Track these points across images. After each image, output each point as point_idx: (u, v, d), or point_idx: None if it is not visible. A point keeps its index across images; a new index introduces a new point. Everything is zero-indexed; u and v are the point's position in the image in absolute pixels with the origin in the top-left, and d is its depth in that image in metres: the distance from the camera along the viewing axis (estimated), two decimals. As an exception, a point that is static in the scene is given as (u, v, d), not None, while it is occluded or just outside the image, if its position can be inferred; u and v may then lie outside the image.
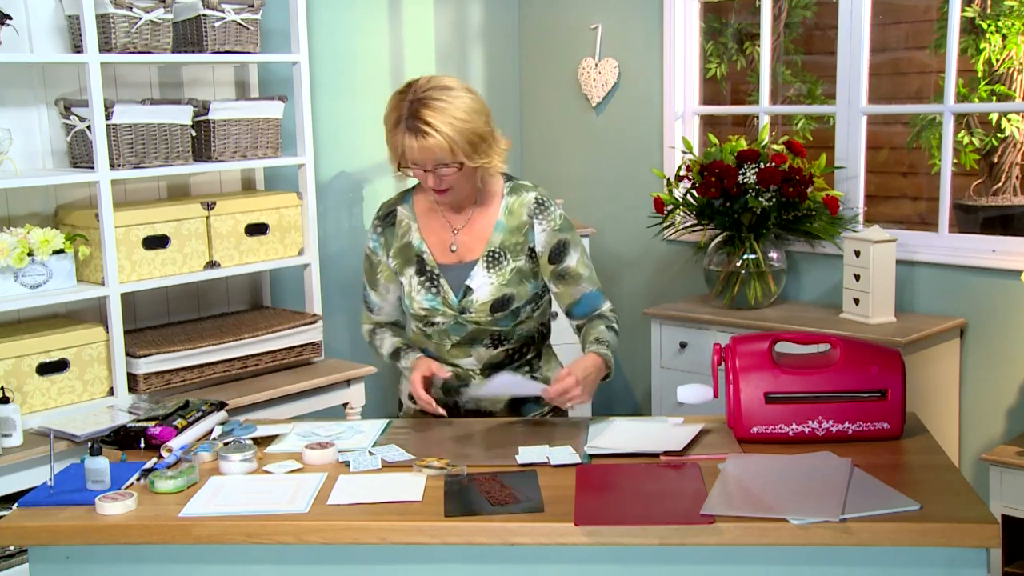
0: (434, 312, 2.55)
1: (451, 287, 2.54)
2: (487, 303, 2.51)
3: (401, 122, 2.38)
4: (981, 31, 4.68)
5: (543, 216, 2.54)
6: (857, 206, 3.97)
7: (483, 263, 2.52)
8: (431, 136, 2.34)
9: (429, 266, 2.55)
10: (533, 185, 2.61)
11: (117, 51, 3.26)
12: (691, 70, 4.42)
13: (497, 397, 2.58)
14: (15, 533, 2.07)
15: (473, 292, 2.52)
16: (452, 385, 2.62)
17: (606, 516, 1.96)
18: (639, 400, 4.69)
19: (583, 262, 2.57)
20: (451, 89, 2.40)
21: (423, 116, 2.34)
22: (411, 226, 2.59)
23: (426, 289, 2.55)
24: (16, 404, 2.98)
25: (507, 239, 2.53)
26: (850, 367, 2.31)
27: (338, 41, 4.21)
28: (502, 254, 2.53)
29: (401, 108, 2.38)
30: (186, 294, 3.75)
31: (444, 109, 2.35)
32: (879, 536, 1.88)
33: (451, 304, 2.53)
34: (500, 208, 2.55)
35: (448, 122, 2.35)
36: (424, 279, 2.55)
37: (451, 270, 2.55)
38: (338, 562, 2.03)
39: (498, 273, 2.52)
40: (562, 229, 2.55)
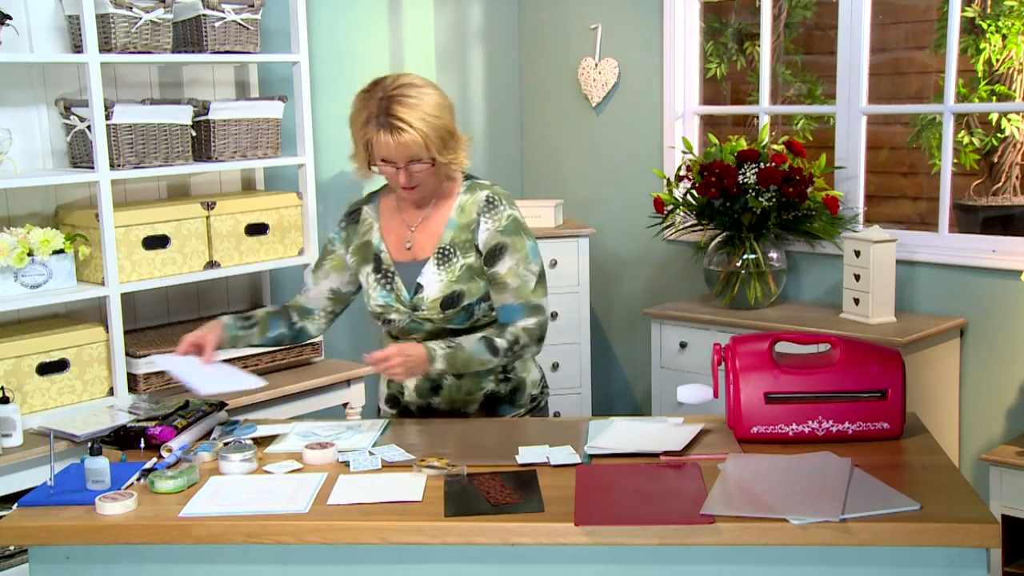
0: (388, 309, 2.57)
1: (404, 284, 2.56)
2: (437, 299, 2.52)
3: (372, 120, 2.40)
4: (981, 31, 4.68)
5: (490, 215, 2.53)
6: (857, 206, 3.97)
7: (434, 260, 2.54)
8: (406, 132, 2.37)
9: (385, 264, 2.58)
10: (490, 184, 2.60)
11: (117, 51, 3.26)
12: (691, 70, 4.42)
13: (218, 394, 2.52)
14: (15, 533, 2.07)
15: (424, 289, 2.53)
16: (424, 387, 2.62)
17: (606, 516, 1.96)
18: (639, 400, 4.69)
19: (515, 271, 2.51)
20: (419, 86, 2.44)
21: (396, 113, 2.37)
22: (373, 225, 2.63)
23: (381, 286, 2.58)
24: (16, 404, 2.98)
25: (457, 236, 2.54)
26: (850, 367, 2.31)
27: (338, 41, 4.21)
28: (452, 251, 2.53)
29: (371, 106, 2.41)
30: (186, 294, 3.75)
31: (416, 106, 2.39)
32: (879, 536, 1.88)
33: (404, 301, 2.56)
34: (454, 206, 2.56)
35: (421, 118, 2.38)
36: (380, 276, 2.58)
37: (405, 267, 2.57)
38: (338, 562, 2.03)
39: (448, 270, 2.52)
40: (505, 232, 2.52)
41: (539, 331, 2.53)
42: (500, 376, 2.62)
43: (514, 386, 2.64)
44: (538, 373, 2.73)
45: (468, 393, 2.61)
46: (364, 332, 4.42)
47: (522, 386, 2.66)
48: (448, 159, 2.46)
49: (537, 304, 2.53)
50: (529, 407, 2.68)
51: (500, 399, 2.63)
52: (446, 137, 2.44)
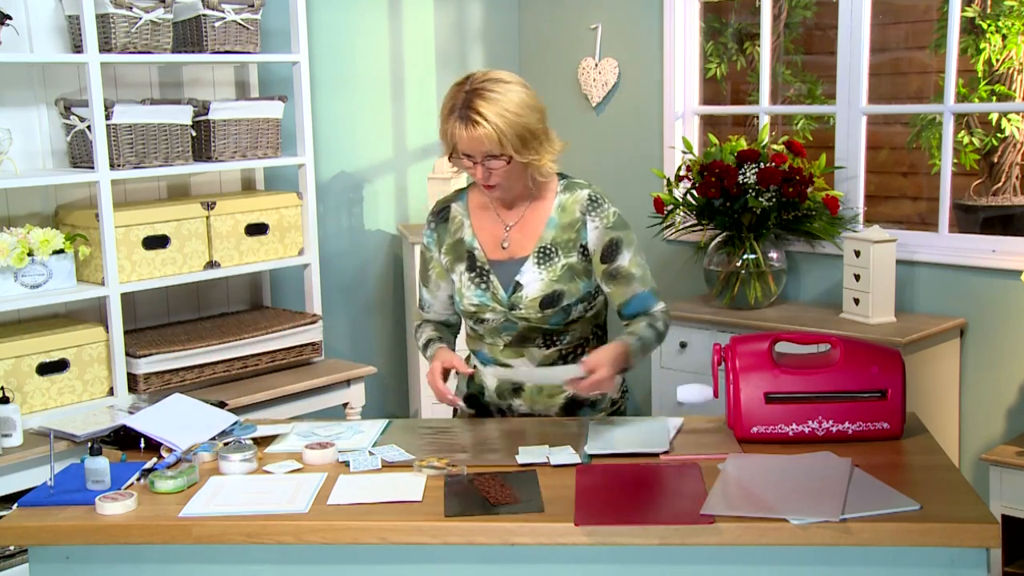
0: (484, 308, 2.52)
1: (501, 283, 2.51)
2: (537, 299, 2.48)
3: (455, 111, 2.37)
4: (981, 31, 4.68)
5: (596, 213, 2.51)
6: (857, 206, 3.97)
7: (534, 259, 2.50)
8: (481, 126, 2.33)
9: (479, 262, 2.53)
10: (587, 183, 2.57)
11: (117, 51, 3.26)
12: (691, 70, 4.42)
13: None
14: (15, 533, 2.07)
15: (523, 288, 2.49)
16: (506, 389, 2.58)
17: (606, 516, 1.95)
18: (639, 400, 4.69)
19: (636, 261, 2.52)
20: (507, 82, 2.40)
21: (475, 106, 2.34)
22: (464, 223, 2.57)
23: (476, 285, 2.53)
24: (16, 404, 2.98)
25: (559, 236, 2.50)
26: (850, 367, 2.31)
27: (338, 41, 4.21)
28: (553, 250, 2.50)
29: (457, 98, 2.38)
30: (186, 294, 3.75)
31: (497, 100, 2.35)
32: (879, 536, 1.88)
33: (500, 300, 2.51)
34: (553, 205, 2.52)
35: (499, 113, 2.34)
36: (474, 275, 2.53)
37: (502, 266, 2.52)
38: (338, 562, 2.03)
39: (549, 269, 2.49)
40: (615, 227, 2.51)
41: (668, 311, 2.59)
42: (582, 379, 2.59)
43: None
44: (619, 377, 2.63)
45: (549, 396, 2.56)
46: (364, 332, 4.42)
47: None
48: (528, 159, 2.40)
49: (656, 287, 2.58)
50: (610, 411, 2.64)
51: (581, 403, 2.58)
52: (526, 136, 2.38)
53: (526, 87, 2.43)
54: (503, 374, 2.56)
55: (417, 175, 4.53)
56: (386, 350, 4.48)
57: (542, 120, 2.44)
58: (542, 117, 2.44)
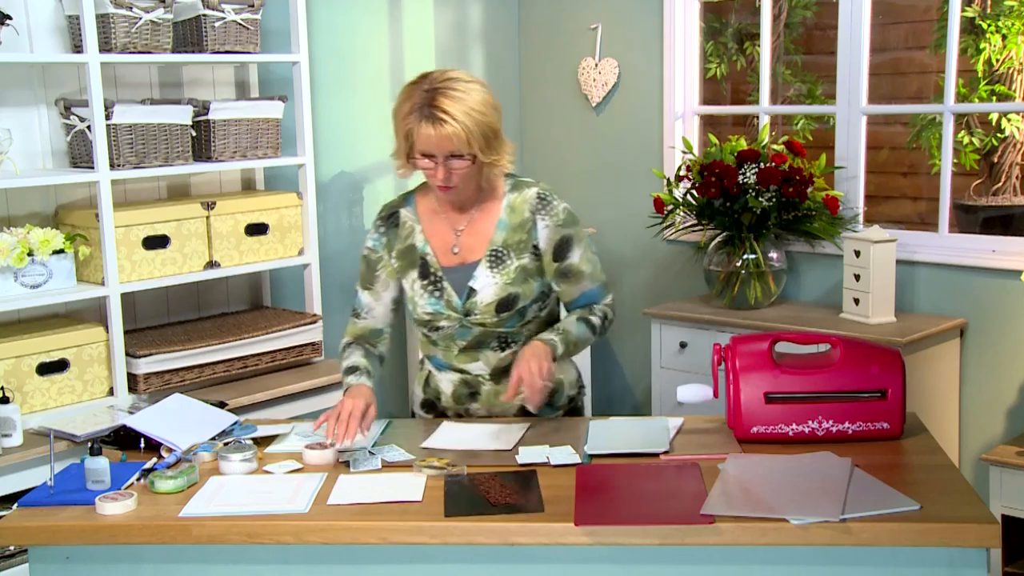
0: (438, 316, 2.50)
1: (454, 289, 2.49)
2: (492, 303, 2.46)
3: (416, 110, 2.34)
4: (981, 31, 4.68)
5: (545, 211, 2.49)
6: (857, 206, 3.97)
7: (486, 263, 2.48)
8: (448, 124, 2.31)
9: (432, 268, 2.51)
10: (535, 181, 2.56)
11: (117, 51, 3.26)
12: (691, 70, 4.42)
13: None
14: (15, 533, 2.07)
15: (477, 293, 2.47)
16: (462, 393, 2.58)
17: (606, 516, 1.95)
18: (639, 400, 4.69)
19: (586, 258, 2.53)
20: (468, 81, 2.38)
21: (441, 105, 2.31)
22: (414, 228, 2.55)
23: (429, 293, 2.50)
24: (16, 404, 2.98)
25: (510, 237, 2.49)
26: (850, 367, 2.31)
27: (338, 41, 4.21)
28: (505, 253, 2.48)
29: (416, 97, 2.35)
30: (186, 294, 3.75)
31: (462, 99, 2.33)
32: (879, 536, 1.88)
33: (455, 307, 2.49)
34: (502, 206, 2.50)
35: (466, 112, 2.32)
36: (427, 283, 2.50)
37: (454, 272, 2.50)
38: (338, 562, 2.03)
39: (502, 272, 2.47)
40: (565, 224, 2.51)
41: (614, 305, 2.62)
42: None
43: (553, 388, 2.57)
44: (575, 373, 2.68)
45: None
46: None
47: (560, 387, 2.61)
48: (490, 159, 2.40)
49: (606, 282, 2.60)
50: (568, 408, 2.65)
51: None
52: (489, 136, 2.37)
53: (485, 86, 2.42)
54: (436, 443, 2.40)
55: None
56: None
57: (500, 120, 2.44)
58: (499, 117, 2.44)
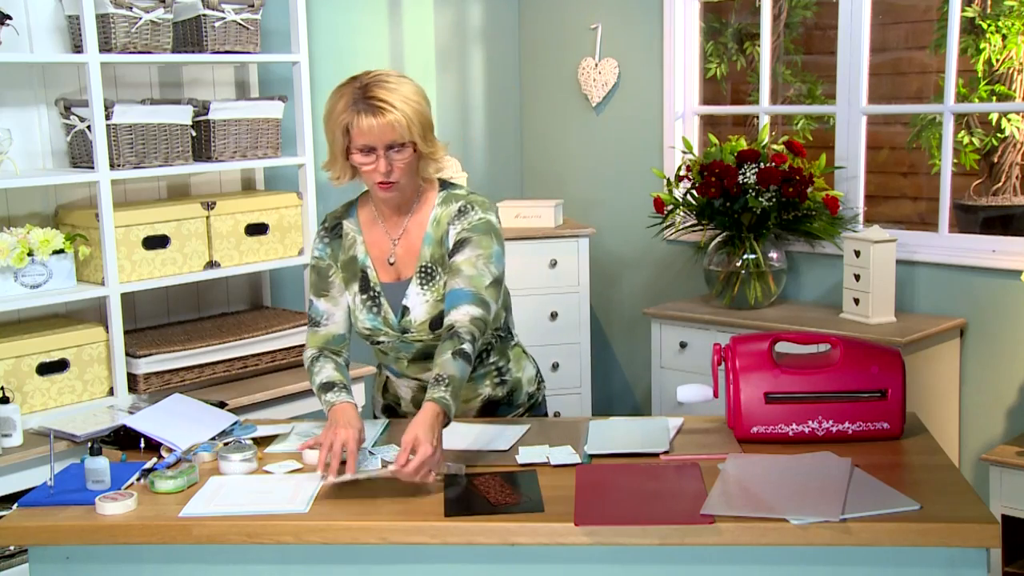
0: (377, 332, 2.49)
1: (391, 307, 2.47)
2: (425, 322, 2.44)
3: (351, 105, 2.33)
4: (981, 31, 4.68)
5: (459, 221, 2.44)
6: (857, 206, 3.97)
7: (416, 280, 2.45)
8: (389, 112, 2.31)
9: (372, 283, 2.48)
10: (466, 193, 2.51)
11: (117, 51, 3.26)
12: (691, 70, 4.42)
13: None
14: (15, 533, 2.07)
15: (410, 311, 2.44)
16: (421, 398, 2.51)
17: (606, 516, 1.96)
18: (639, 400, 4.69)
19: (473, 262, 2.39)
20: (399, 76, 2.41)
21: (378, 95, 2.32)
22: (356, 239, 2.52)
23: (368, 309, 2.48)
24: (16, 404, 2.98)
25: (435, 251, 2.46)
26: (850, 367, 2.31)
27: (338, 41, 4.21)
28: (433, 268, 2.45)
29: (348, 93, 2.35)
30: (186, 294, 3.75)
31: (396, 90, 2.34)
32: (879, 536, 1.88)
33: (392, 324, 2.47)
34: (430, 219, 2.48)
35: (403, 100, 2.33)
36: (366, 297, 2.48)
37: (391, 288, 2.48)
38: (338, 562, 2.03)
39: (432, 289, 2.44)
40: (473, 229, 2.43)
41: (483, 324, 2.36)
42: (496, 380, 2.60)
43: (511, 388, 2.63)
44: (532, 369, 2.69)
45: (465, 401, 2.59)
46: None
47: (518, 386, 2.65)
48: (428, 150, 2.40)
49: (486, 299, 2.37)
50: (528, 405, 2.68)
51: (497, 402, 2.62)
52: (427, 125, 2.39)
53: (414, 81, 2.43)
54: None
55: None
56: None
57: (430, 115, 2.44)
58: (430, 109, 2.44)
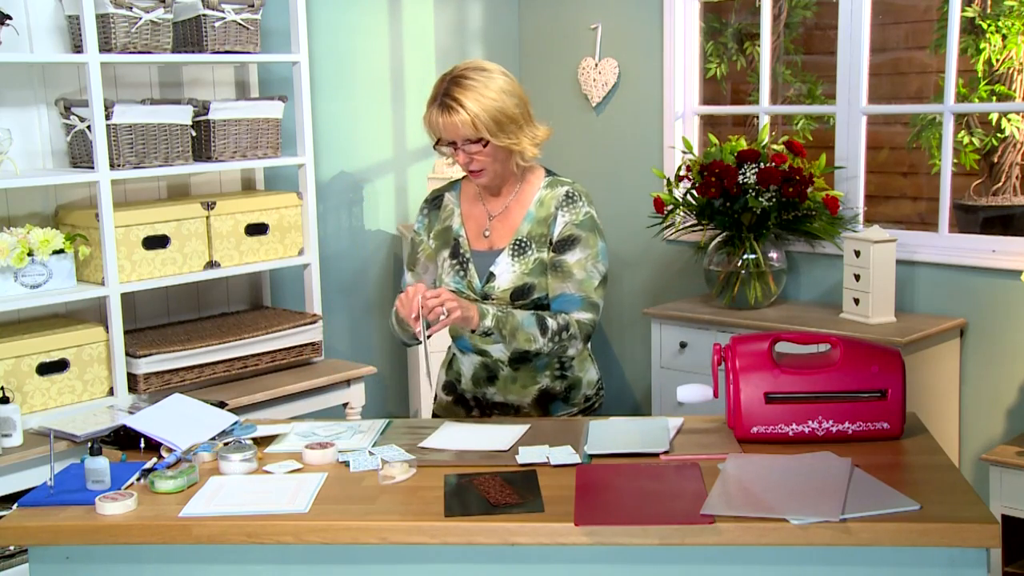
0: (459, 295, 2.56)
1: (478, 272, 2.58)
2: (508, 290, 2.54)
3: (433, 100, 2.48)
4: (981, 31, 4.68)
5: (568, 208, 2.56)
6: (857, 206, 3.97)
7: (509, 251, 2.56)
8: (456, 112, 2.42)
9: (462, 250, 2.61)
10: (572, 181, 2.63)
11: (117, 51, 3.26)
12: (691, 70, 4.42)
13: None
14: (15, 533, 2.07)
15: (496, 278, 2.55)
16: (481, 376, 2.63)
17: (606, 516, 1.95)
18: (639, 400, 4.69)
19: (583, 264, 2.53)
20: (487, 71, 2.49)
21: (453, 93, 2.44)
22: (454, 211, 2.65)
23: (455, 271, 2.59)
24: (16, 404, 2.98)
25: (534, 229, 2.56)
26: (850, 367, 2.31)
27: (338, 41, 4.21)
28: (528, 244, 2.55)
29: (438, 86, 2.49)
30: (186, 294, 3.75)
31: (474, 87, 2.44)
32: (879, 536, 1.88)
33: (475, 288, 2.57)
34: (534, 199, 2.59)
35: (475, 99, 2.43)
36: (455, 262, 2.60)
37: (481, 256, 2.59)
38: (338, 562, 2.03)
39: (522, 262, 2.54)
40: (581, 225, 2.55)
41: (590, 328, 2.54)
42: (556, 372, 2.62)
43: (569, 384, 2.64)
44: (595, 374, 2.71)
45: (523, 386, 2.61)
46: (364, 332, 4.42)
47: (578, 385, 2.65)
48: (504, 143, 2.47)
49: (595, 302, 2.55)
50: (583, 407, 2.67)
51: (554, 396, 2.63)
52: (502, 120, 2.45)
53: (506, 75, 2.53)
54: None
55: (417, 175, 4.53)
56: (386, 350, 4.48)
57: (521, 106, 2.52)
58: (521, 103, 2.52)
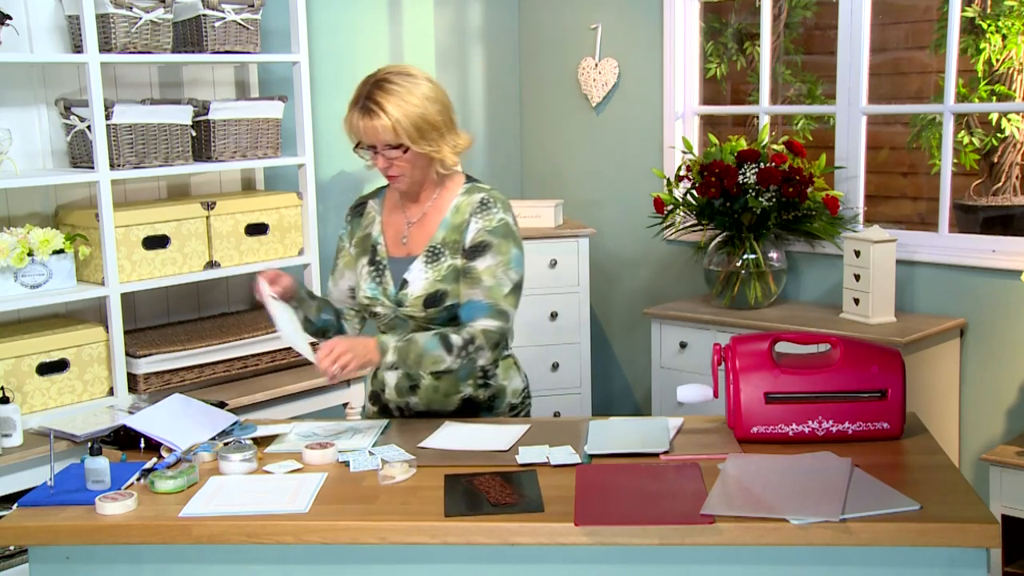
0: (375, 302, 2.59)
1: (393, 279, 2.57)
2: (420, 297, 2.52)
3: (355, 103, 2.46)
4: (981, 31, 4.68)
5: (481, 215, 2.52)
6: (857, 206, 3.97)
7: (423, 258, 2.54)
8: (377, 116, 2.41)
9: (379, 257, 2.61)
10: (489, 188, 2.59)
11: (117, 51, 3.26)
12: (691, 70, 4.42)
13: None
14: (15, 533, 2.07)
15: (409, 285, 2.54)
16: (404, 385, 2.62)
17: (606, 516, 1.96)
18: (639, 400, 4.69)
19: (492, 271, 2.48)
20: (411, 76, 2.47)
21: (375, 97, 2.43)
22: (375, 219, 2.66)
23: (371, 278, 2.60)
24: (16, 404, 2.98)
25: (448, 236, 2.54)
26: (850, 367, 2.31)
27: (338, 41, 4.21)
28: (441, 250, 2.53)
29: (360, 89, 2.48)
30: (186, 294, 3.75)
31: (397, 92, 2.42)
32: (879, 536, 1.88)
33: (389, 295, 2.57)
34: (451, 206, 2.56)
35: (397, 104, 2.41)
36: (373, 269, 2.60)
37: (397, 263, 2.58)
38: (338, 562, 2.03)
39: (434, 269, 2.52)
40: (493, 232, 2.51)
41: (498, 336, 2.49)
42: (479, 381, 2.60)
43: (493, 393, 2.62)
44: (521, 383, 2.69)
45: (445, 395, 2.60)
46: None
47: (501, 393, 2.64)
48: (425, 150, 2.45)
49: (504, 310, 2.49)
50: (509, 415, 2.66)
51: (478, 404, 2.61)
52: (423, 127, 2.43)
53: (431, 81, 2.51)
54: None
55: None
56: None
57: (443, 113, 2.49)
58: (444, 110, 2.50)
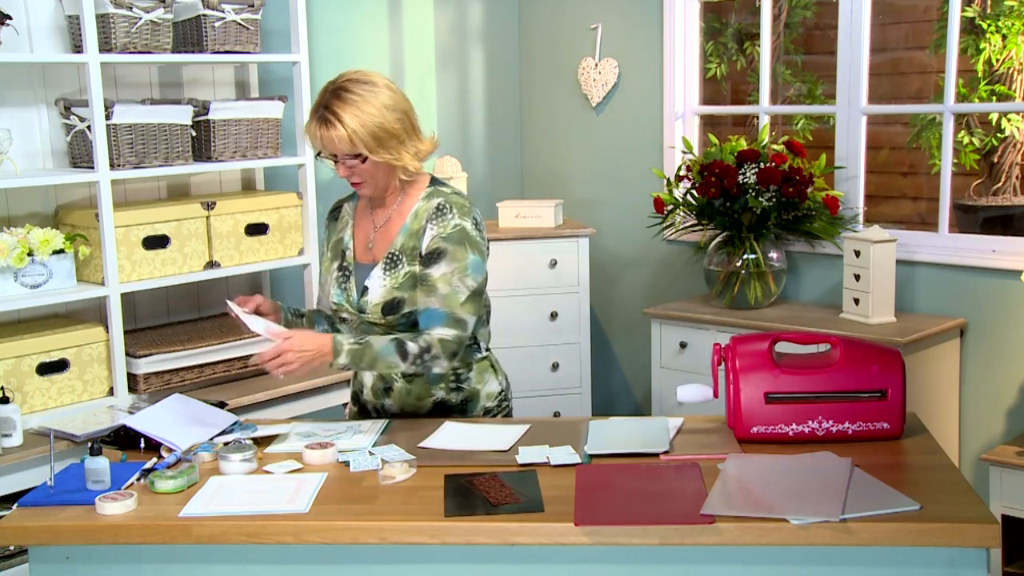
0: (340, 307, 2.60)
1: (356, 285, 2.57)
2: (378, 304, 2.51)
3: (314, 111, 2.44)
4: (981, 31, 4.68)
5: (436, 221, 2.48)
6: (857, 206, 3.97)
7: (382, 265, 2.53)
8: (333, 127, 2.39)
9: (347, 262, 2.60)
10: (450, 191, 2.55)
11: (117, 51, 3.26)
12: (691, 70, 4.42)
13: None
14: (15, 533, 2.07)
15: (368, 292, 2.53)
16: (379, 387, 2.62)
17: (606, 516, 1.96)
18: (639, 400, 4.69)
19: (448, 279, 2.45)
20: (370, 83, 2.43)
21: (332, 106, 2.40)
22: (348, 222, 2.66)
23: (339, 284, 2.60)
24: (16, 404, 2.98)
25: (406, 242, 2.51)
26: (850, 367, 2.31)
27: (338, 41, 4.21)
28: (400, 257, 2.51)
29: (321, 97, 2.45)
30: (186, 294, 3.75)
31: (354, 102, 2.40)
32: (879, 536, 1.88)
33: (352, 302, 2.57)
34: (410, 212, 2.54)
35: (354, 114, 2.39)
36: (340, 274, 2.60)
37: (362, 268, 2.58)
38: (338, 562, 2.03)
39: (392, 276, 2.50)
40: (448, 239, 2.47)
41: (455, 345, 2.46)
42: (451, 385, 2.59)
43: (466, 396, 2.61)
44: (497, 386, 2.66)
45: (418, 398, 2.59)
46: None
47: (475, 397, 2.62)
48: (383, 158, 2.43)
49: (461, 318, 2.46)
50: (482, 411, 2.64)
51: (450, 408, 2.60)
52: (381, 136, 2.41)
53: (391, 88, 2.47)
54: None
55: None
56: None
57: (403, 120, 2.46)
58: (404, 117, 2.46)
